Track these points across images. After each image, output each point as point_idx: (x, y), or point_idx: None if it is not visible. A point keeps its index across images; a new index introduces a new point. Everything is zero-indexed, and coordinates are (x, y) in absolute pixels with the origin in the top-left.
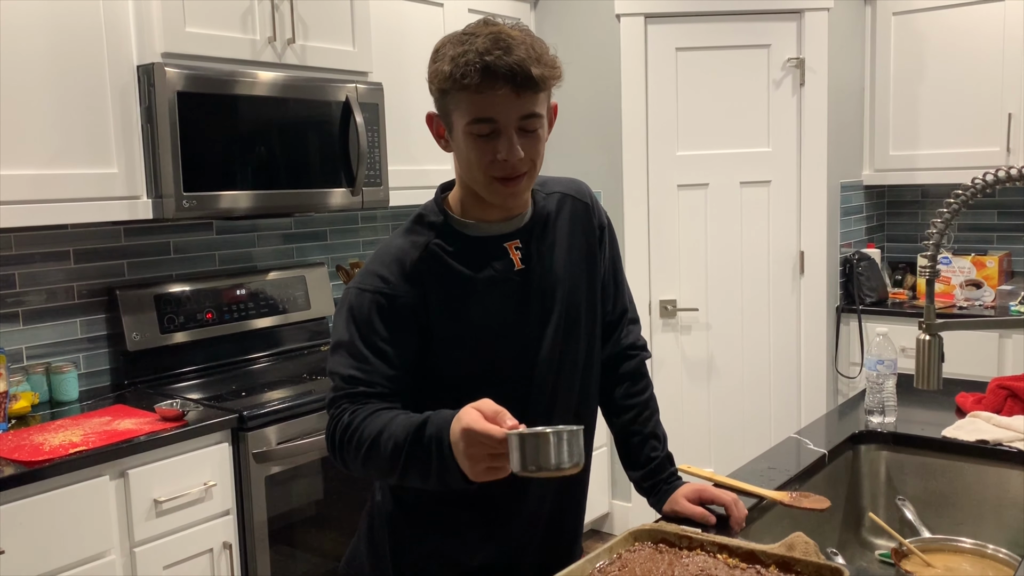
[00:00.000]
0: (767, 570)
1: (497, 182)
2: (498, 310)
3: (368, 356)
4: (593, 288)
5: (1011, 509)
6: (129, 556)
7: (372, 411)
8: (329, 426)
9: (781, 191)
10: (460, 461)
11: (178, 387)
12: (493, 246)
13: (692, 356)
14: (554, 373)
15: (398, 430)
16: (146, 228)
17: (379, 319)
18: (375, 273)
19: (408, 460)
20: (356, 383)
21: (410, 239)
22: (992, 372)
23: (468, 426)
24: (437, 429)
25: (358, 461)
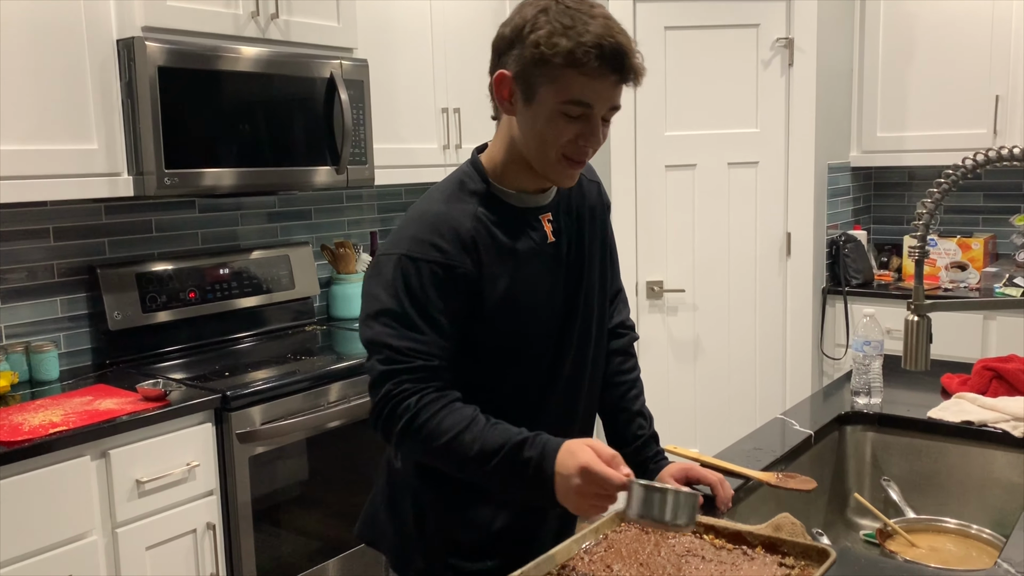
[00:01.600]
0: (754, 551)
1: (566, 161)
2: (536, 281)
3: (423, 327)
4: (604, 264)
5: (995, 490)
6: (111, 537)
7: (447, 402)
8: (384, 402)
9: (768, 172)
10: (565, 493)
11: (161, 367)
12: (532, 217)
13: (678, 337)
14: (579, 344)
15: (490, 438)
16: (127, 206)
17: (435, 289)
18: (427, 241)
19: (496, 469)
20: (414, 356)
21: (458, 207)
22: (976, 354)
23: (587, 464)
24: (540, 453)
25: (421, 448)
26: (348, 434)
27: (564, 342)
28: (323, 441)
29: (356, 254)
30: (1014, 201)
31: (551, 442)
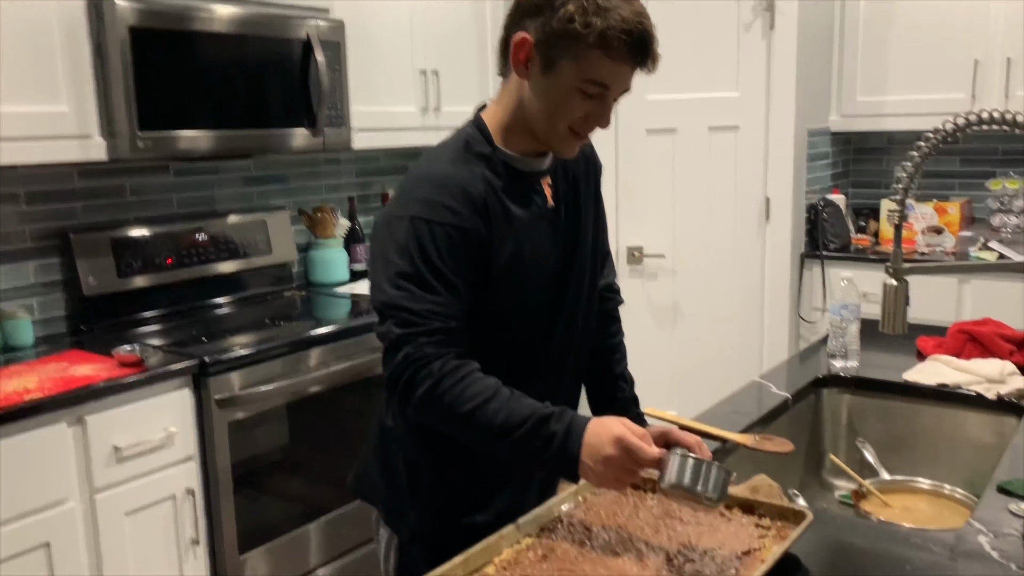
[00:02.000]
0: (731, 512)
1: (572, 135)
2: (539, 246)
3: (440, 289)
4: (596, 227)
5: (968, 450)
6: (89, 503)
7: (469, 370)
8: (404, 367)
9: (749, 137)
10: (594, 464)
11: (137, 332)
12: (535, 181)
13: (658, 302)
14: (571, 307)
15: (516, 409)
16: (100, 170)
17: (449, 252)
18: (440, 203)
19: (520, 441)
20: (432, 317)
21: (467, 169)
22: (951, 317)
23: (623, 436)
24: (567, 428)
25: (443, 416)
26: (329, 399)
27: (559, 305)
28: (304, 406)
29: (334, 219)
30: (990, 166)
31: (578, 418)
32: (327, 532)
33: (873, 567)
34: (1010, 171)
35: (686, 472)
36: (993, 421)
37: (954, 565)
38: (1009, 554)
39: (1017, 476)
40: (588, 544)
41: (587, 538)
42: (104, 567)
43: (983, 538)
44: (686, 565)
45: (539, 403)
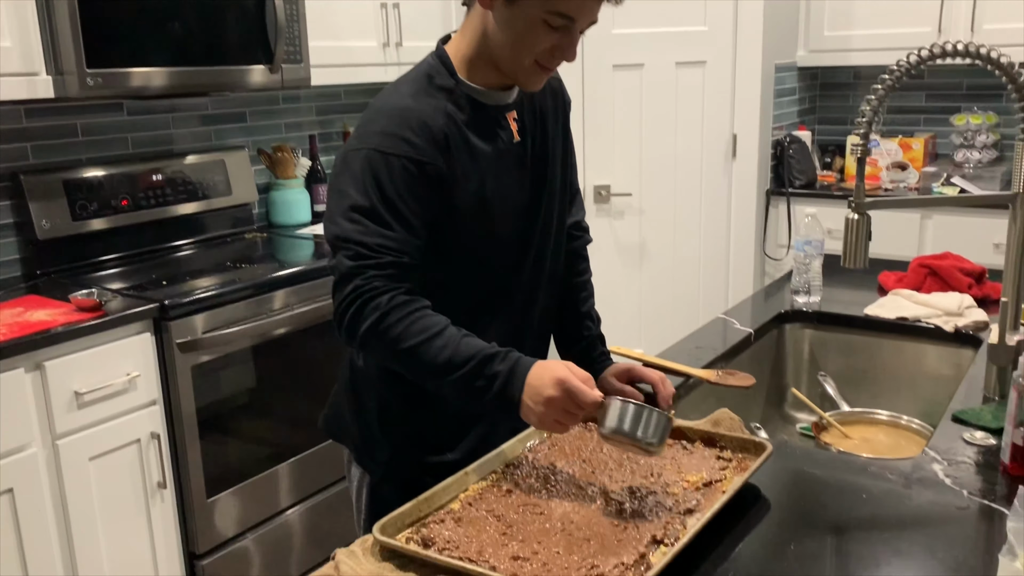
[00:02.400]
0: (692, 445)
1: (537, 67)
2: (505, 181)
3: (394, 224)
4: (565, 163)
5: (925, 382)
6: (52, 448)
7: (419, 306)
8: (353, 299)
9: (716, 72)
10: (535, 404)
11: (95, 276)
12: (500, 116)
13: (625, 241)
14: (540, 245)
15: (461, 347)
16: (49, 108)
17: (406, 186)
18: (397, 136)
19: (462, 379)
20: (384, 251)
21: (428, 102)
22: (913, 252)
23: (565, 378)
24: (510, 369)
25: (388, 350)
26: (295, 341)
27: (527, 242)
28: (269, 349)
29: (295, 158)
30: (955, 101)
31: (524, 360)
32: (297, 473)
33: (831, 496)
34: (974, 106)
35: (626, 418)
36: (951, 353)
37: (909, 492)
38: (962, 481)
39: (972, 406)
40: (553, 479)
41: (552, 473)
42: (70, 512)
43: (937, 466)
44: (648, 497)
45: (486, 343)
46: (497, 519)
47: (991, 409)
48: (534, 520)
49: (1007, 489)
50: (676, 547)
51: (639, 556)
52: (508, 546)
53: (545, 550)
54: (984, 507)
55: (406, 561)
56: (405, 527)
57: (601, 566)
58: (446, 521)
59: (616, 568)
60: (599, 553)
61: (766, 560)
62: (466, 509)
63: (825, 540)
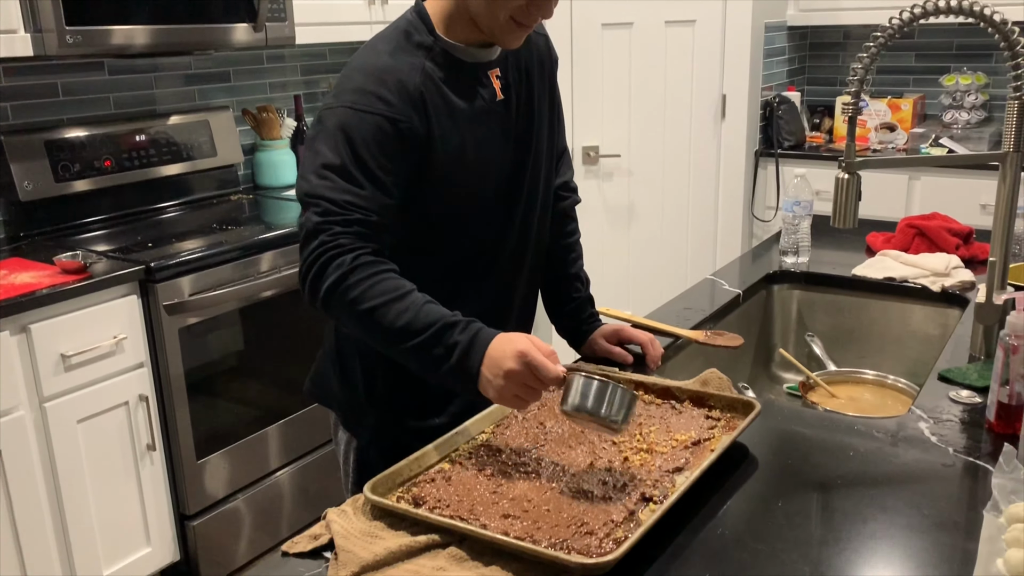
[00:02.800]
0: (682, 405)
1: (514, 23)
2: (486, 141)
3: (364, 182)
4: (552, 122)
5: (911, 342)
6: (39, 411)
7: (384, 268)
8: (318, 255)
9: (706, 31)
10: (494, 377)
11: (80, 238)
12: (481, 73)
13: (613, 202)
14: (530, 206)
15: (422, 313)
16: (28, 67)
17: (378, 144)
18: (373, 93)
19: (419, 347)
20: (352, 208)
21: (405, 60)
22: (901, 213)
23: (526, 351)
24: (471, 339)
25: (346, 311)
26: (283, 304)
27: (513, 202)
28: (257, 311)
29: (280, 119)
30: (945, 61)
31: (485, 331)
32: (286, 435)
33: (818, 454)
34: (964, 67)
35: (589, 394)
36: (937, 313)
37: (895, 450)
38: (947, 439)
39: (958, 365)
40: (542, 438)
41: (541, 432)
42: (59, 475)
43: (923, 424)
44: (637, 455)
45: (449, 312)
46: (487, 478)
47: (977, 368)
48: (524, 479)
49: (992, 446)
50: (665, 504)
51: (628, 513)
52: (498, 504)
53: (535, 508)
54: (969, 464)
55: (397, 520)
56: (396, 487)
57: (591, 523)
58: (436, 480)
59: (606, 525)
60: (588, 511)
61: (754, 517)
62: (456, 469)
63: (812, 497)
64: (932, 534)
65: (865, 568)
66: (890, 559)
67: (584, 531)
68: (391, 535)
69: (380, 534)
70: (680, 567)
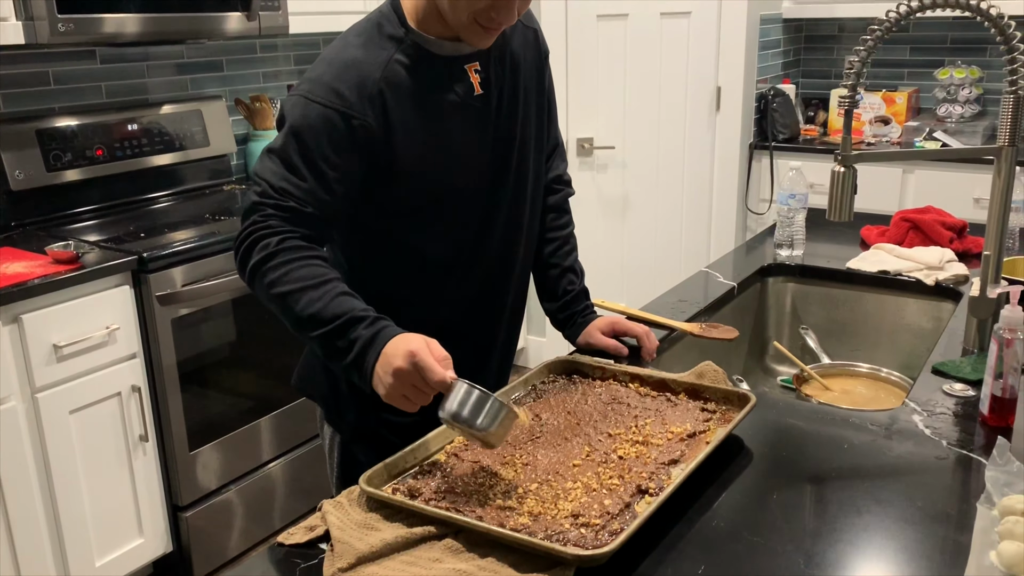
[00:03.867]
0: (677, 397)
1: (477, 25)
2: (459, 136)
3: (305, 173)
4: (541, 118)
5: (905, 335)
6: (31, 402)
7: (308, 254)
8: (247, 231)
9: (701, 23)
10: (384, 375)
11: (72, 228)
12: (454, 67)
13: (608, 194)
14: (518, 201)
15: (331, 305)
16: (19, 55)
17: (326, 137)
18: (329, 85)
19: (323, 337)
20: (287, 196)
21: (373, 53)
22: (895, 206)
23: (416, 352)
24: (371, 336)
25: (265, 292)
26: None
27: (496, 200)
28: (250, 302)
29: (273, 108)
30: (939, 55)
31: (389, 329)
32: (278, 426)
33: (813, 446)
34: (958, 60)
35: (467, 404)
36: (931, 307)
37: (889, 443)
38: (941, 431)
39: (951, 358)
40: (538, 430)
41: (538, 424)
42: (51, 465)
43: (917, 417)
44: (633, 447)
45: (364, 306)
46: (483, 470)
47: (970, 361)
48: (520, 471)
49: (985, 439)
50: (661, 496)
51: (624, 505)
52: (494, 496)
53: (531, 500)
54: (963, 457)
55: (393, 512)
56: (391, 478)
57: (586, 515)
58: (432, 472)
59: (601, 517)
60: (585, 503)
61: (749, 509)
62: (452, 460)
63: (806, 489)
64: (926, 526)
65: (859, 560)
66: (884, 551)
67: (580, 523)
68: (387, 526)
69: (376, 525)
70: (675, 559)
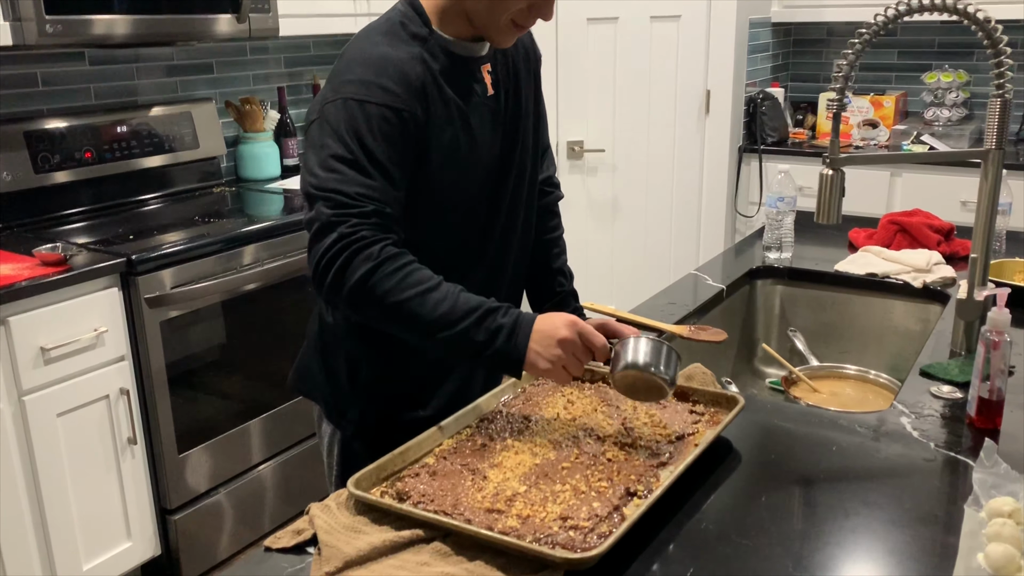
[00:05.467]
0: (666, 399)
1: (513, 26)
2: (477, 135)
3: (374, 173)
4: (536, 120)
5: (893, 337)
6: (18, 405)
7: (411, 259)
8: (340, 249)
9: (691, 27)
10: (543, 351)
11: (60, 230)
12: (474, 68)
13: (597, 197)
14: (512, 201)
15: (462, 300)
16: (7, 56)
17: (385, 135)
18: (374, 84)
19: (463, 332)
20: (365, 201)
21: (404, 49)
22: (882, 209)
23: (576, 322)
24: (514, 320)
25: (378, 302)
26: (266, 297)
27: (498, 198)
28: (239, 305)
29: (263, 111)
30: (927, 59)
31: (525, 313)
32: (268, 429)
33: (801, 448)
34: (945, 64)
35: (651, 354)
36: (919, 309)
37: (877, 445)
38: (929, 433)
39: (939, 360)
40: (527, 433)
41: (525, 427)
42: (39, 469)
43: (905, 419)
44: (622, 449)
45: (484, 298)
46: (472, 473)
47: (958, 363)
48: (509, 473)
49: (973, 442)
50: (650, 499)
51: (613, 508)
52: (483, 499)
53: (520, 503)
54: (950, 459)
55: (381, 515)
56: (380, 481)
57: (575, 518)
58: (421, 475)
59: (590, 520)
60: (573, 505)
61: (738, 511)
62: (441, 463)
63: (794, 491)
64: (913, 528)
65: (847, 562)
66: (872, 553)
67: (568, 526)
68: (375, 530)
69: (364, 529)
70: (664, 561)
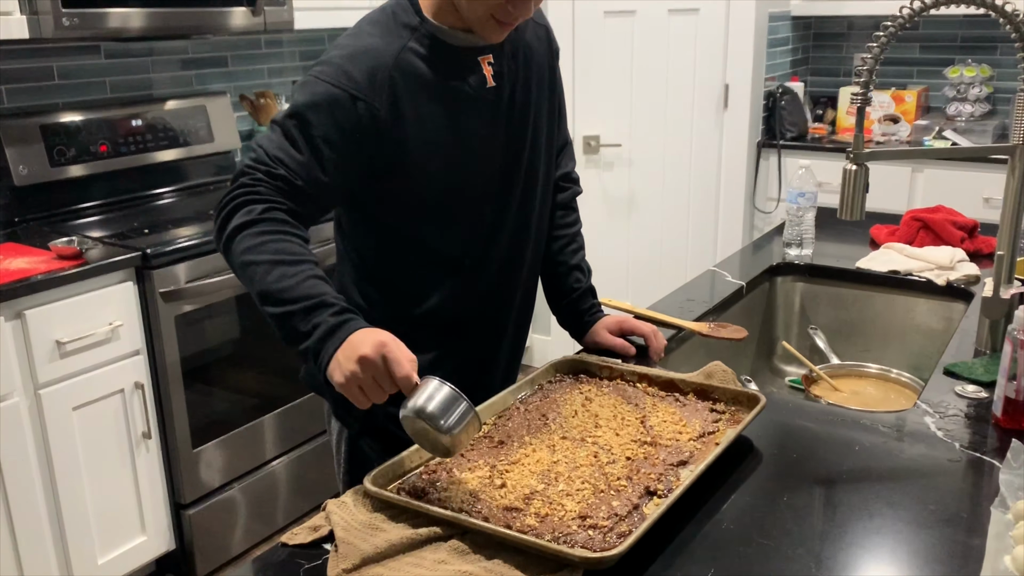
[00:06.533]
0: (686, 397)
1: (494, 21)
2: (471, 127)
3: (303, 147)
4: (552, 113)
5: (915, 335)
6: (34, 398)
7: (292, 230)
8: (233, 194)
9: (709, 20)
10: (343, 361)
11: (75, 224)
12: (468, 58)
13: (614, 192)
14: (527, 198)
15: (300, 283)
16: (24, 50)
17: (330, 114)
18: (340, 67)
19: (286, 315)
20: (280, 166)
21: (388, 40)
22: (903, 206)
23: (387, 344)
24: (339, 322)
25: (238, 257)
26: None
27: (507, 198)
28: (253, 299)
29: (278, 104)
30: (949, 53)
31: (356, 321)
32: (282, 424)
33: (823, 448)
34: (968, 59)
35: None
36: (942, 307)
37: (901, 445)
38: (953, 434)
39: (963, 359)
40: (544, 430)
41: (543, 424)
42: (54, 462)
43: (929, 419)
44: (641, 448)
45: (335, 295)
46: (490, 470)
47: (983, 362)
48: (526, 471)
49: (998, 442)
50: (670, 498)
51: (632, 507)
52: (501, 497)
53: (538, 501)
54: (975, 460)
55: (398, 512)
56: (396, 478)
57: (594, 517)
58: (438, 472)
59: (610, 519)
60: (592, 504)
61: (759, 511)
62: (458, 460)
63: (816, 491)
64: (938, 530)
65: (870, 563)
66: (895, 554)
67: (588, 525)
68: (392, 527)
69: (381, 526)
70: (684, 561)
